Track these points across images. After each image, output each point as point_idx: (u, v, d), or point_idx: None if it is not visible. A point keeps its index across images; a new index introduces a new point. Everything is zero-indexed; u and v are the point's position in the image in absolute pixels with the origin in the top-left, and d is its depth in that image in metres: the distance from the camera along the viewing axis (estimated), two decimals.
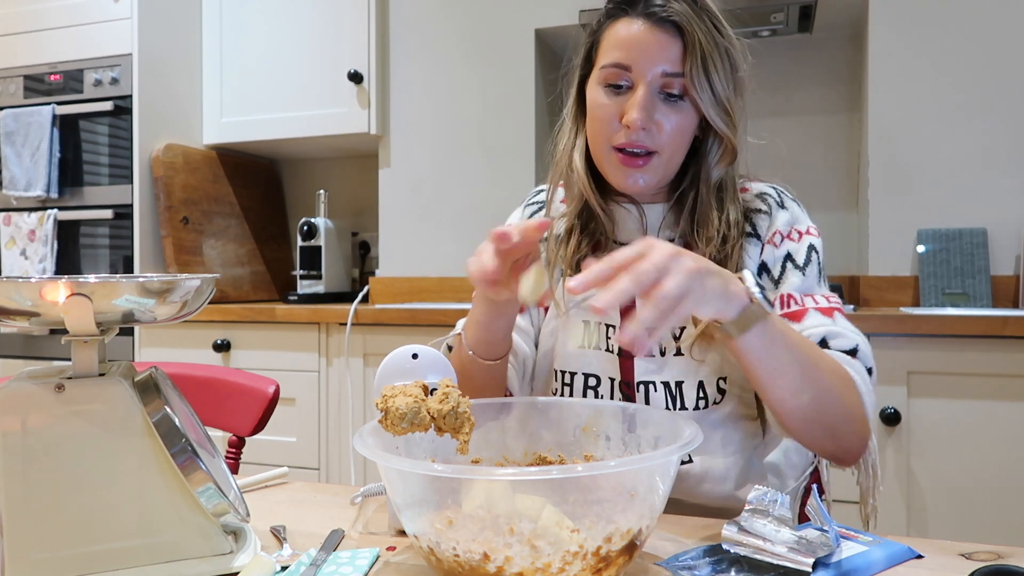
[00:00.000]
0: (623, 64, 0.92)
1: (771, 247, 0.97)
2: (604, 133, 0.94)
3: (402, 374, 0.78)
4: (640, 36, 0.91)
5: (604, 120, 0.94)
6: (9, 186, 2.47)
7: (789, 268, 0.95)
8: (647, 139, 0.92)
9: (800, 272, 0.95)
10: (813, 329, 0.89)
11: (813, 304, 0.92)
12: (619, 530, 0.59)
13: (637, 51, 0.91)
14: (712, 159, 0.96)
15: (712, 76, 0.91)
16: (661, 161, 0.94)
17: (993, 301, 2.00)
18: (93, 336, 0.65)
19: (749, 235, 0.98)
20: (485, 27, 2.43)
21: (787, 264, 0.96)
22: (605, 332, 0.98)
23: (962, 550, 0.71)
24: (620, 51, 0.92)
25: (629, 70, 0.91)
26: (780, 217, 0.98)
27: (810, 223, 1.00)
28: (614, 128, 0.93)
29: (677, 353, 0.95)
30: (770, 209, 0.99)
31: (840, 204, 2.37)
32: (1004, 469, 1.64)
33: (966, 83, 2.03)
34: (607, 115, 0.93)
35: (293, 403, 2.23)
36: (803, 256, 0.96)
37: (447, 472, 0.58)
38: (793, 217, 0.99)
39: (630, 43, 0.91)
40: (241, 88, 2.62)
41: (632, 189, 0.96)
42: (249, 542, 0.70)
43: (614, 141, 0.93)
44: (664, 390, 0.95)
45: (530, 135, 2.39)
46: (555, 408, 0.82)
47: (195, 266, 2.50)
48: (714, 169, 0.96)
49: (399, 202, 2.54)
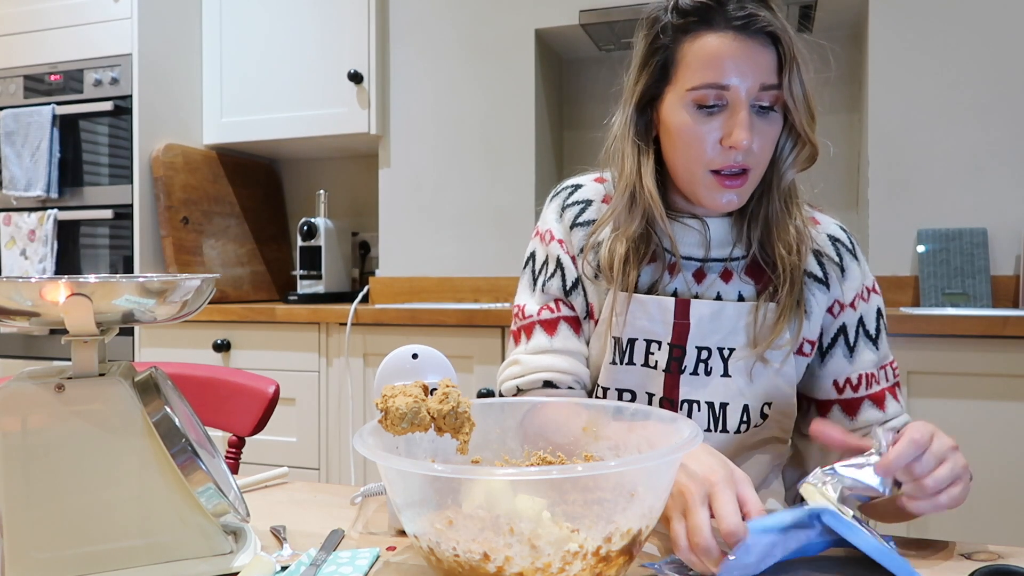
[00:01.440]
0: (721, 84, 0.86)
1: (850, 310, 0.98)
2: (700, 158, 0.89)
3: (402, 374, 0.78)
4: (735, 52, 0.85)
5: (700, 144, 0.88)
6: (9, 186, 2.47)
7: (862, 337, 0.98)
8: (747, 158, 0.88)
9: (874, 345, 0.98)
10: (895, 419, 0.96)
11: (886, 383, 0.98)
12: (619, 530, 0.59)
13: (734, 66, 0.85)
14: (786, 162, 0.92)
15: (804, 83, 0.88)
16: (754, 178, 0.90)
17: (993, 301, 2.00)
18: (93, 336, 0.65)
19: (815, 279, 0.96)
20: (485, 27, 2.43)
21: (859, 332, 0.98)
22: (646, 347, 0.95)
23: (962, 550, 0.71)
24: (714, 70, 0.86)
25: (726, 88, 0.86)
26: (854, 274, 0.98)
27: (872, 277, 1.01)
28: (712, 150, 0.88)
29: (724, 375, 0.93)
30: (841, 259, 0.97)
31: (840, 204, 2.36)
32: (1004, 469, 1.64)
33: (966, 83, 2.03)
34: (704, 138, 0.88)
35: (293, 403, 2.23)
36: (873, 323, 0.98)
37: (447, 472, 0.58)
38: (863, 272, 0.99)
39: (724, 59, 0.85)
40: (241, 88, 2.62)
41: (725, 208, 0.91)
42: (249, 542, 0.70)
43: (713, 165, 0.88)
44: (708, 410, 0.94)
45: (530, 135, 2.39)
46: (556, 407, 0.82)
47: (195, 266, 2.49)
48: (789, 171, 0.93)
49: (399, 202, 2.54)
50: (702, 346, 0.93)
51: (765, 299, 0.93)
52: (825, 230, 0.99)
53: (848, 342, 0.97)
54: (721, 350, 0.93)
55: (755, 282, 0.95)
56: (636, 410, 0.76)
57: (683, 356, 0.93)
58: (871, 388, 0.97)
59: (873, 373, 0.97)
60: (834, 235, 0.99)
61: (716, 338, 0.93)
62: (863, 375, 0.97)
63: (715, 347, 0.93)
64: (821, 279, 0.96)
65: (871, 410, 0.96)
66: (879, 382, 0.97)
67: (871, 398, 0.97)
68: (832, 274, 0.96)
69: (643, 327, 0.94)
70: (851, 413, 0.96)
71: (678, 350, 0.93)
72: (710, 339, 0.93)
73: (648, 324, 0.94)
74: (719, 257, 0.96)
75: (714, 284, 0.95)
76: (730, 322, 0.93)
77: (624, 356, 0.95)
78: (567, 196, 1.05)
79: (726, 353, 0.93)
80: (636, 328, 0.94)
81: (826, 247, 0.97)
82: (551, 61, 2.54)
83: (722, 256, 0.96)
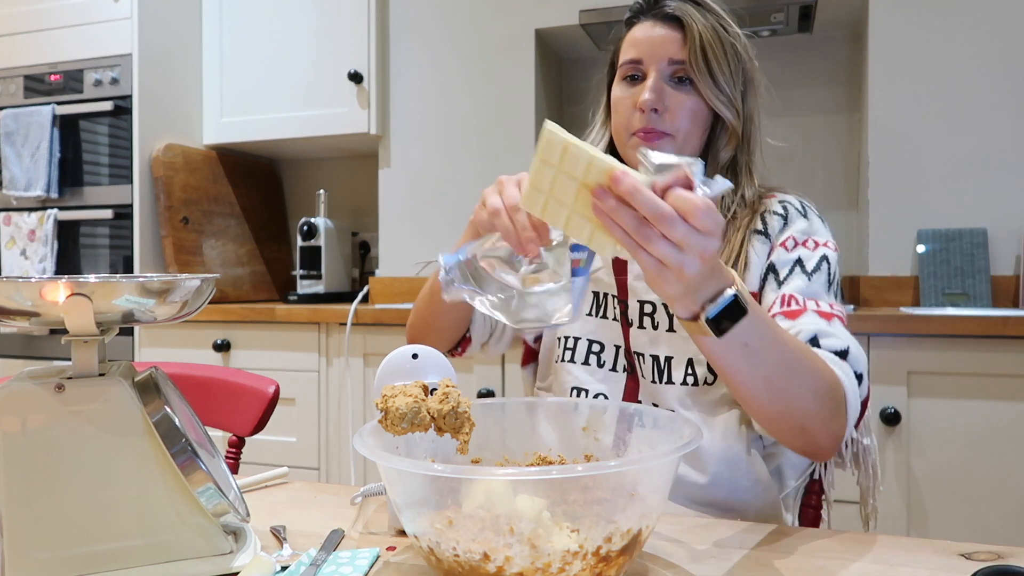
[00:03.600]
0: (635, 59, 1.03)
1: (782, 250, 0.99)
2: (624, 122, 1.03)
3: (402, 374, 0.78)
4: (646, 33, 1.03)
5: (623, 110, 1.03)
6: (9, 186, 2.47)
7: (796, 271, 0.97)
8: (660, 123, 1.00)
9: (806, 276, 0.96)
10: (806, 326, 0.89)
11: (814, 307, 0.92)
12: (619, 530, 0.59)
13: (646, 45, 1.02)
14: (720, 142, 1.04)
15: (712, 63, 0.99)
16: (675, 144, 1.00)
17: (993, 301, 2.00)
18: (93, 336, 0.65)
19: (758, 232, 1.01)
20: (485, 27, 2.43)
21: (795, 268, 0.97)
22: (612, 302, 1.05)
23: (962, 550, 0.71)
24: (633, 49, 1.03)
25: (640, 63, 1.02)
26: (797, 224, 1.01)
27: (829, 238, 1.02)
28: (632, 115, 1.02)
29: (670, 329, 1.00)
30: (786, 214, 1.02)
31: (840, 204, 2.37)
32: (1004, 469, 1.64)
33: (966, 83, 2.03)
34: (625, 105, 1.03)
35: (293, 403, 2.23)
36: (813, 263, 0.97)
37: (447, 472, 0.58)
38: (812, 228, 1.01)
39: (641, 40, 1.03)
40: (241, 88, 2.62)
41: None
42: (249, 542, 0.70)
43: (632, 127, 1.02)
44: (653, 362, 1.00)
45: (530, 135, 2.39)
46: (556, 408, 0.82)
47: (195, 266, 2.50)
48: (722, 151, 1.04)
49: (399, 202, 2.54)
50: (644, 300, 1.02)
51: None
52: (780, 198, 1.05)
53: (778, 277, 0.97)
54: (665, 305, 1.00)
55: None
56: (637, 410, 0.76)
57: (626, 310, 1.03)
58: (789, 306, 0.92)
59: (795, 295, 0.93)
60: (786, 199, 1.05)
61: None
62: (782, 296, 0.94)
63: (658, 302, 1.01)
64: (762, 231, 1.01)
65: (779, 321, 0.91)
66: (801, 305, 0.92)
67: (784, 314, 0.92)
68: (774, 225, 1.01)
69: (606, 281, 1.06)
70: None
71: (622, 304, 1.04)
72: (652, 294, 1.01)
73: (605, 278, 1.07)
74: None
75: None
76: None
77: (601, 309, 1.06)
78: None
79: (670, 309, 0.95)
80: (601, 283, 1.06)
81: (773, 206, 1.03)
82: (551, 61, 2.54)
83: None
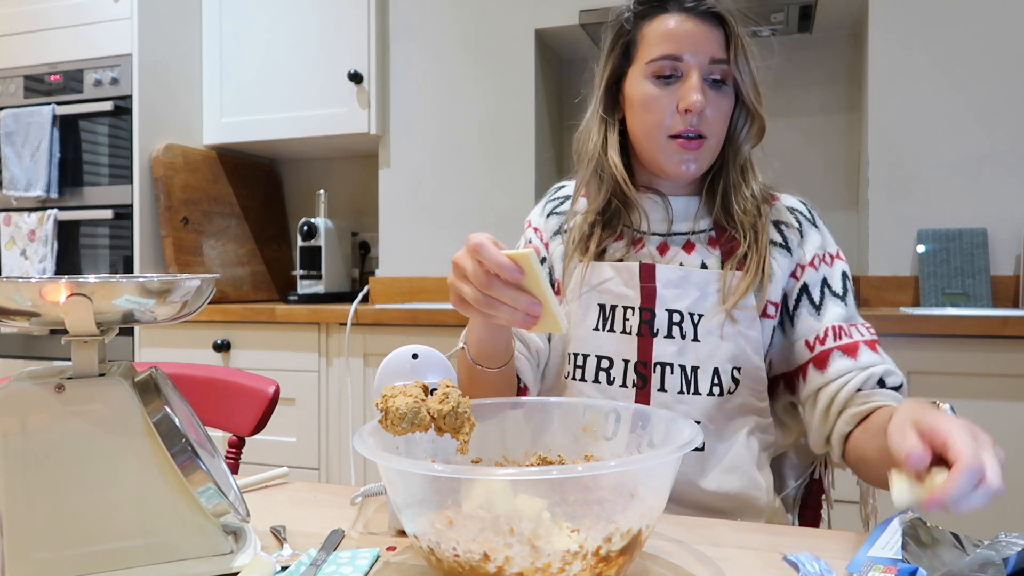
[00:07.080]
0: (674, 55, 0.97)
1: (811, 269, 1.00)
2: (659, 122, 0.98)
3: (402, 374, 0.78)
4: (687, 28, 0.97)
5: (658, 109, 0.98)
6: (9, 186, 2.47)
7: (828, 296, 0.98)
8: (701, 124, 0.97)
9: (841, 302, 0.98)
10: (872, 368, 0.93)
11: (860, 337, 0.96)
12: (619, 530, 0.59)
13: (687, 41, 0.96)
14: (742, 136, 1.02)
15: (750, 61, 0.98)
16: (710, 146, 0.99)
17: (993, 301, 2.00)
18: (93, 336, 0.65)
19: (778, 245, 1.01)
20: (485, 27, 2.43)
21: (825, 290, 0.99)
22: (623, 314, 1.00)
23: None
24: (669, 43, 0.97)
25: (680, 60, 0.97)
26: (813, 238, 1.02)
27: (836, 246, 1.04)
28: (671, 116, 0.97)
29: (695, 339, 0.97)
30: (800, 226, 1.02)
31: (840, 204, 2.36)
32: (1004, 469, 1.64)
33: (966, 83, 2.03)
34: (661, 105, 0.97)
35: (293, 403, 2.23)
36: (839, 284, 1.00)
37: (447, 472, 0.58)
38: (824, 240, 1.03)
39: (678, 35, 0.97)
40: (241, 88, 2.62)
41: (684, 176, 1.00)
42: (249, 542, 0.70)
43: (671, 130, 0.97)
44: (680, 373, 0.97)
45: (530, 135, 2.39)
46: (556, 408, 0.82)
47: (195, 266, 2.49)
48: (744, 145, 1.02)
49: (399, 202, 2.54)
50: (672, 309, 0.98)
51: (730, 267, 0.98)
52: (784, 203, 1.05)
53: (812, 300, 0.99)
54: (692, 315, 0.98)
55: (719, 252, 1.00)
56: (637, 410, 0.76)
57: (653, 319, 0.98)
58: (841, 340, 0.95)
59: (842, 326, 0.96)
60: (792, 206, 1.05)
61: (686, 303, 0.97)
62: (831, 328, 0.97)
63: (686, 311, 0.98)
64: (782, 244, 1.01)
65: (842, 360, 0.94)
66: (850, 336, 0.96)
67: (841, 349, 0.95)
68: (792, 238, 1.01)
69: (618, 292, 1.00)
70: (822, 366, 0.95)
71: (647, 313, 0.99)
72: (680, 303, 0.98)
73: (617, 289, 1.00)
74: (681, 231, 1.03)
75: (677, 255, 1.01)
76: (698, 288, 0.98)
77: (607, 323, 1.00)
78: (552, 194, 1.16)
79: (696, 319, 0.97)
80: (611, 295, 1.00)
81: (784, 215, 1.03)
82: (551, 61, 2.54)
83: (684, 230, 1.03)
